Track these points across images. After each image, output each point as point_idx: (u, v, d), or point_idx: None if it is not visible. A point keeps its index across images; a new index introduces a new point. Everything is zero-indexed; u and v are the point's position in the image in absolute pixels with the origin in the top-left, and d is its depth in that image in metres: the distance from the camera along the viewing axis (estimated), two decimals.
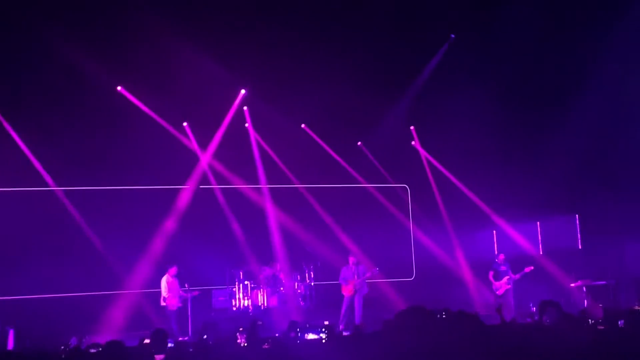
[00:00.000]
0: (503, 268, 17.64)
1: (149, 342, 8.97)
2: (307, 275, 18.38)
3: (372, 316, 15.08)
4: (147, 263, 17.52)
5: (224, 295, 18.00)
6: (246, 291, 17.76)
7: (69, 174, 17.57)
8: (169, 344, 9.34)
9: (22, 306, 16.59)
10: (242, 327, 10.11)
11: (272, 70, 17.31)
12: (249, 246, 18.55)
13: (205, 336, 9.79)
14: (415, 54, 18.56)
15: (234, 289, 17.85)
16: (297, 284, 18.07)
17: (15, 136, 17.12)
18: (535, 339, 7.48)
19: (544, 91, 18.39)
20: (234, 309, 17.70)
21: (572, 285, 17.76)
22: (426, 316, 6.94)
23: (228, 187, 19.08)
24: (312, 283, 18.33)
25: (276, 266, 18.13)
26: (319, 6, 16.38)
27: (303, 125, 19.70)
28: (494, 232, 20.70)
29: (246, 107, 19.03)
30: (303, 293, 18.08)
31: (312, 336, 11.24)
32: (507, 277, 17.43)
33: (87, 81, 16.10)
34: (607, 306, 14.81)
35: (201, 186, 18.81)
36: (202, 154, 18.79)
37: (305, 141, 19.69)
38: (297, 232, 19.12)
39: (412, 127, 20.79)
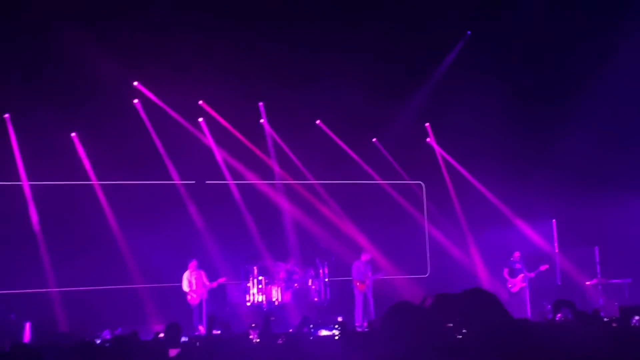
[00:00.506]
0: (518, 266, 17.58)
1: (163, 336, 9.01)
2: (321, 272, 18.38)
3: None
4: (165, 257, 17.49)
5: (239, 291, 18.05)
6: (260, 287, 17.79)
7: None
8: (183, 339, 9.39)
9: (41, 299, 16.64)
10: (254, 323, 10.14)
11: (288, 66, 17.34)
12: (263, 242, 18.56)
13: (219, 331, 9.82)
14: (431, 50, 18.52)
15: (248, 285, 17.90)
16: (311, 280, 18.09)
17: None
18: (549, 338, 7.44)
19: (558, 87, 18.30)
20: (248, 304, 17.75)
21: (588, 283, 17.67)
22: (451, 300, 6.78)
23: (243, 182, 19.08)
24: (326, 279, 18.34)
25: (291, 262, 18.16)
26: (335, 2, 16.39)
27: (318, 122, 19.68)
28: (510, 229, 20.58)
29: (261, 102, 19.09)
30: (317, 289, 18.10)
31: (325, 332, 11.27)
32: (522, 275, 17.36)
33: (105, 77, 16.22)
34: (623, 304, 14.71)
35: (215, 182, 18.81)
36: (217, 150, 18.81)
37: (321, 138, 19.67)
38: (311, 229, 19.11)
39: (427, 124, 20.72)
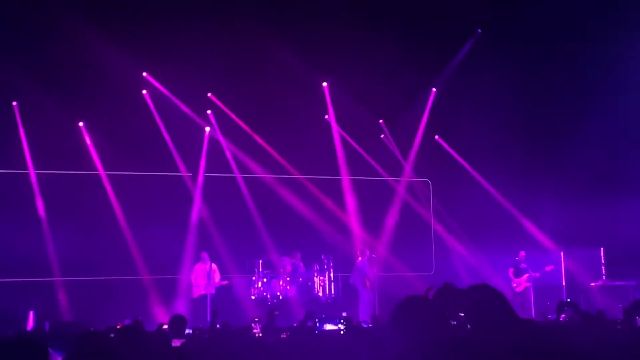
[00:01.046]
0: (523, 265, 17.56)
1: (167, 328, 9.04)
2: (326, 267, 18.39)
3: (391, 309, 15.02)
4: (171, 249, 17.52)
5: (243, 285, 18.07)
6: (265, 281, 17.81)
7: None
8: (187, 331, 9.41)
9: (47, 287, 16.70)
10: (257, 317, 10.14)
11: (295, 61, 17.35)
12: (268, 236, 18.57)
13: (218, 325, 9.84)
14: (441, 48, 18.49)
15: (253, 278, 17.92)
16: (316, 275, 18.10)
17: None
18: (552, 338, 7.43)
19: (569, 86, 18.24)
20: (253, 298, 17.78)
21: (592, 284, 17.63)
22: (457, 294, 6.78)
23: (250, 176, 19.09)
24: (331, 274, 18.35)
25: (296, 256, 18.17)
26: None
27: (327, 117, 19.67)
28: (516, 228, 20.53)
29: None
30: (322, 284, 18.12)
31: (330, 327, 11.29)
32: (528, 275, 17.35)
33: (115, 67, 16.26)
34: (627, 306, 14.66)
35: (222, 174, 18.84)
36: (225, 142, 18.84)
37: (329, 133, 19.67)
38: (317, 224, 19.10)
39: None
